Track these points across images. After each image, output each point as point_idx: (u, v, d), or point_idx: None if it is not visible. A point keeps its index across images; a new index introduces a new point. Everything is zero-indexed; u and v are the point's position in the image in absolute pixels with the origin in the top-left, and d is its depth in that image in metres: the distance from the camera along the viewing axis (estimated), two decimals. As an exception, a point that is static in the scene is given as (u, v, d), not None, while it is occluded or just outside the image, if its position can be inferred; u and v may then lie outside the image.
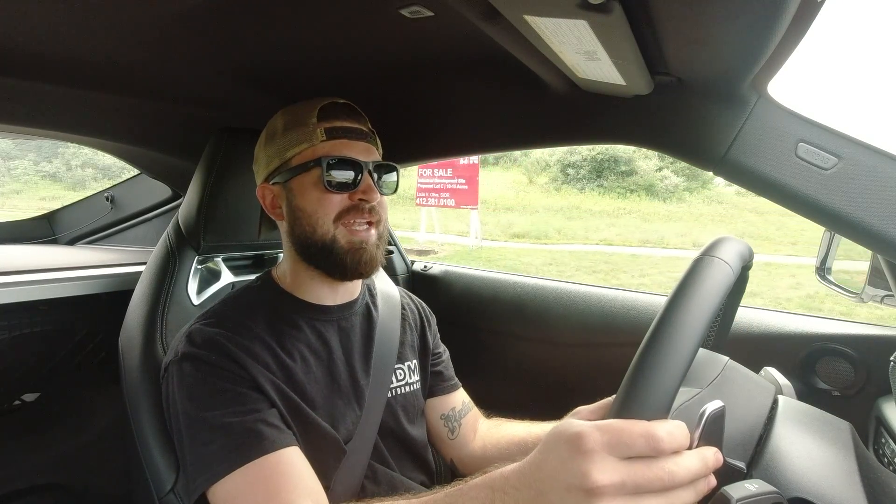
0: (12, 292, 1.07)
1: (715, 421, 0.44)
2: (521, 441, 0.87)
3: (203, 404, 0.69)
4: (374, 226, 0.81)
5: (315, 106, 0.80)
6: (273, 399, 0.72)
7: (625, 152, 16.46)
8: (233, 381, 0.71)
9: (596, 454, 0.39)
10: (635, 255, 9.76)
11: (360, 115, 0.84)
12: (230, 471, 0.65)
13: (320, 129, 0.79)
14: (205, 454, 0.67)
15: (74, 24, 0.72)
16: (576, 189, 16.30)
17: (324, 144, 0.79)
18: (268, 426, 0.68)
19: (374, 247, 0.80)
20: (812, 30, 0.58)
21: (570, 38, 0.59)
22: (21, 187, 16.78)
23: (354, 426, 0.79)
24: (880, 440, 0.83)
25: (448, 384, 0.98)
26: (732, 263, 0.49)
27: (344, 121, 0.81)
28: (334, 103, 0.82)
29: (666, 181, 15.88)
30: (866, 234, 0.66)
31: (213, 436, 0.67)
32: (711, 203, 14.95)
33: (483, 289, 1.49)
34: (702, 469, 0.41)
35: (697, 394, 0.52)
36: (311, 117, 0.80)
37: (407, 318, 0.96)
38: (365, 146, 0.81)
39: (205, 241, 0.96)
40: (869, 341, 0.95)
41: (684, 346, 0.41)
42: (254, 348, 0.74)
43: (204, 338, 0.74)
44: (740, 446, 0.49)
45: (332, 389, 0.80)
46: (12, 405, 1.37)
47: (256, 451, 0.66)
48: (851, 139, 0.67)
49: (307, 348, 0.80)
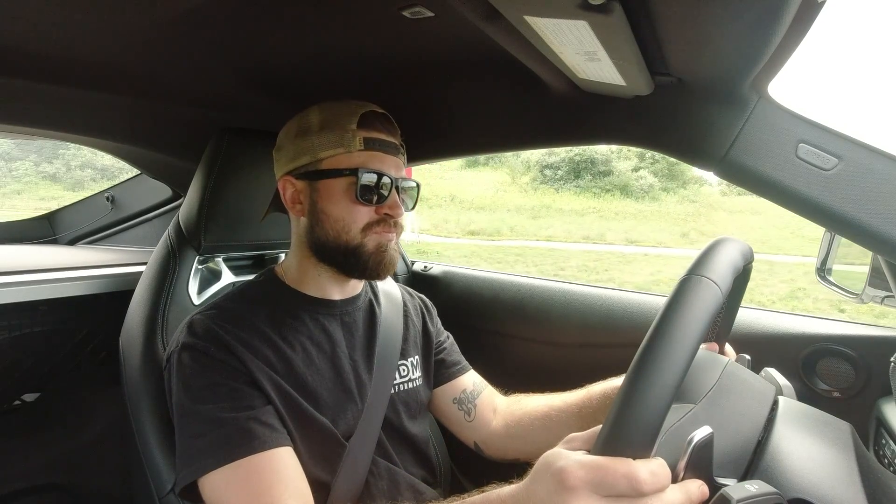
0: (12, 292, 1.07)
1: (702, 449, 0.43)
2: (544, 416, 0.88)
3: (197, 396, 0.70)
4: (393, 231, 0.82)
5: (356, 111, 0.80)
6: (270, 395, 0.72)
7: (602, 153, 16.85)
8: (229, 376, 0.71)
9: (579, 491, 0.40)
10: (570, 250, 10.61)
11: (395, 128, 0.84)
12: (217, 465, 0.66)
13: (359, 137, 0.78)
14: (194, 446, 0.68)
15: (75, 24, 0.72)
16: (553, 189, 16.67)
17: (360, 154, 0.79)
18: (260, 424, 0.69)
19: (393, 251, 0.82)
20: (812, 30, 0.58)
21: (570, 38, 0.59)
22: (22, 188, 16.84)
23: (355, 421, 0.80)
24: (881, 441, 0.83)
25: (455, 368, 0.98)
26: (721, 280, 0.47)
27: (382, 133, 0.81)
28: (375, 112, 0.81)
29: (641, 181, 16.26)
30: (866, 235, 0.66)
31: (205, 428, 0.68)
32: (684, 202, 15.37)
33: (483, 289, 1.49)
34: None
35: (689, 411, 0.51)
36: (351, 123, 0.79)
37: (409, 315, 0.96)
38: (396, 161, 0.82)
39: (205, 242, 0.96)
40: (869, 342, 0.95)
41: (668, 379, 0.40)
42: (253, 342, 0.75)
43: (204, 329, 0.74)
44: (734, 463, 0.48)
45: (335, 382, 0.80)
46: (12, 405, 1.37)
47: (246, 449, 0.66)
48: (852, 140, 0.67)
49: (309, 340, 0.80)
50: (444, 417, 0.98)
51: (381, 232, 0.80)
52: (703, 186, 16.54)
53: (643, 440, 0.40)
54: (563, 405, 0.86)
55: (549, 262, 9.12)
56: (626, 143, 0.91)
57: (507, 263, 9.09)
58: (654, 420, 0.40)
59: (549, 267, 8.71)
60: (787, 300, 6.96)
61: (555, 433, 0.84)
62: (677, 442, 0.44)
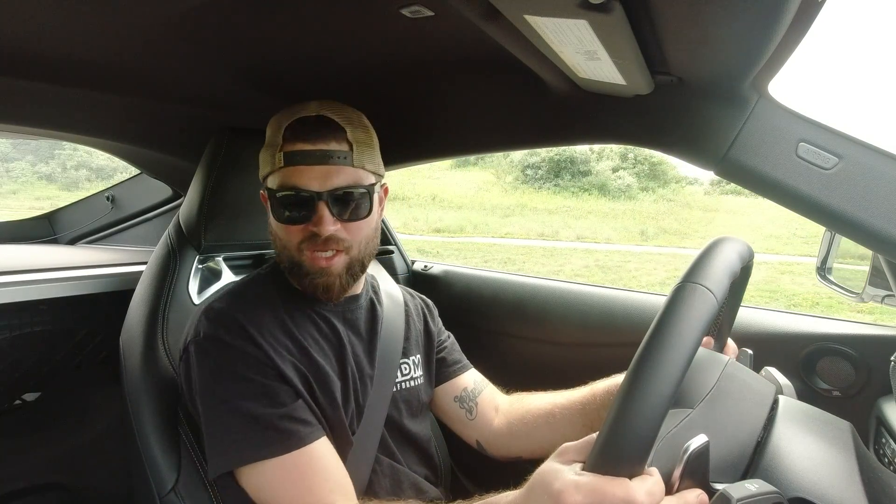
0: (12, 292, 1.07)
1: (698, 457, 0.43)
2: (548, 413, 0.87)
3: (229, 389, 0.70)
4: (342, 253, 0.78)
5: (283, 123, 0.76)
6: (297, 387, 0.72)
7: (582, 153, 17.16)
8: (258, 371, 0.71)
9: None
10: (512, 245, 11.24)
11: (331, 131, 0.76)
12: (255, 460, 0.67)
13: (280, 154, 0.75)
14: (229, 438, 0.69)
15: (74, 24, 0.72)
16: (533, 188, 16.92)
17: (282, 172, 0.76)
18: (295, 421, 0.70)
19: (336, 276, 0.78)
20: (812, 30, 0.58)
21: (570, 37, 0.59)
22: (18, 188, 16.88)
23: (357, 417, 0.80)
24: (881, 440, 0.83)
25: (456, 367, 0.98)
26: (717, 287, 0.46)
27: (306, 143, 0.75)
28: (303, 119, 0.76)
29: (619, 181, 16.56)
30: (866, 234, 0.66)
31: (240, 423, 0.69)
32: (660, 201, 15.70)
33: (483, 289, 1.49)
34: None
35: (686, 416, 0.51)
36: (278, 138, 0.76)
37: (410, 314, 0.96)
38: (325, 170, 0.75)
39: (206, 241, 0.96)
40: (869, 341, 0.95)
41: (662, 391, 0.40)
42: (274, 331, 0.75)
43: (224, 318, 0.74)
44: (732, 467, 0.48)
45: (342, 376, 0.80)
46: (13, 405, 1.37)
47: (284, 447, 0.68)
48: (852, 139, 0.67)
49: (318, 332, 0.81)
50: (445, 416, 0.98)
51: (310, 253, 0.76)
52: (687, 186, 16.83)
53: (638, 453, 0.40)
54: (566, 402, 0.86)
55: (479, 255, 9.81)
56: (626, 143, 0.91)
57: (441, 256, 9.74)
58: (648, 433, 0.40)
59: (478, 259, 9.44)
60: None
61: (558, 431, 0.85)
62: (673, 449, 0.44)
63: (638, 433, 0.40)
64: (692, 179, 17.18)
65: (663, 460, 0.44)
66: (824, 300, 6.66)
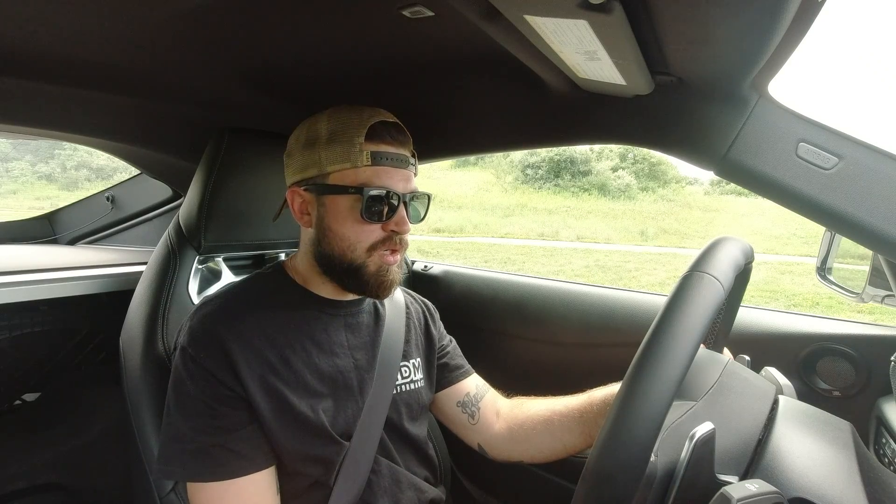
0: (12, 292, 1.07)
1: (704, 444, 0.43)
2: (546, 420, 0.88)
3: (180, 403, 0.73)
4: (399, 252, 0.81)
5: (365, 122, 0.77)
6: (257, 410, 0.73)
7: (582, 153, 17.30)
8: (211, 394, 0.72)
9: None
10: (512, 245, 11.49)
11: (407, 138, 0.81)
12: (186, 479, 0.71)
13: (367, 152, 0.76)
14: (171, 447, 0.72)
15: (75, 24, 0.72)
16: (533, 188, 17.04)
17: (367, 170, 0.76)
18: (230, 453, 0.71)
19: (396, 273, 0.81)
20: (812, 30, 0.58)
21: (570, 38, 0.59)
22: (18, 188, 16.91)
23: (355, 419, 0.80)
24: (881, 440, 0.83)
25: (458, 372, 0.99)
26: (723, 277, 0.47)
27: (391, 145, 0.78)
28: (385, 123, 0.79)
29: (619, 181, 16.67)
30: (867, 234, 0.66)
31: (181, 436, 0.71)
32: (660, 201, 15.85)
33: (483, 289, 1.49)
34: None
35: (691, 408, 0.51)
36: (359, 136, 0.76)
37: (411, 317, 0.96)
38: (405, 174, 0.79)
39: (206, 241, 0.96)
40: (870, 341, 0.95)
41: (671, 374, 0.40)
42: (254, 341, 0.75)
43: (203, 332, 0.75)
44: (735, 460, 0.48)
45: (335, 380, 0.80)
46: (13, 405, 1.37)
47: (214, 475, 0.70)
48: (852, 139, 0.67)
49: (310, 339, 0.81)
50: (448, 420, 0.98)
51: (384, 254, 0.79)
52: (687, 186, 16.85)
53: (646, 436, 0.40)
54: (564, 410, 0.87)
55: (479, 255, 9.88)
56: (627, 143, 0.91)
57: (441, 256, 9.84)
58: (656, 415, 0.40)
59: (478, 259, 9.62)
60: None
61: (557, 437, 0.86)
62: (679, 439, 0.44)
63: (647, 413, 0.40)
64: (692, 179, 17.25)
65: (669, 449, 0.44)
66: (824, 300, 6.68)
